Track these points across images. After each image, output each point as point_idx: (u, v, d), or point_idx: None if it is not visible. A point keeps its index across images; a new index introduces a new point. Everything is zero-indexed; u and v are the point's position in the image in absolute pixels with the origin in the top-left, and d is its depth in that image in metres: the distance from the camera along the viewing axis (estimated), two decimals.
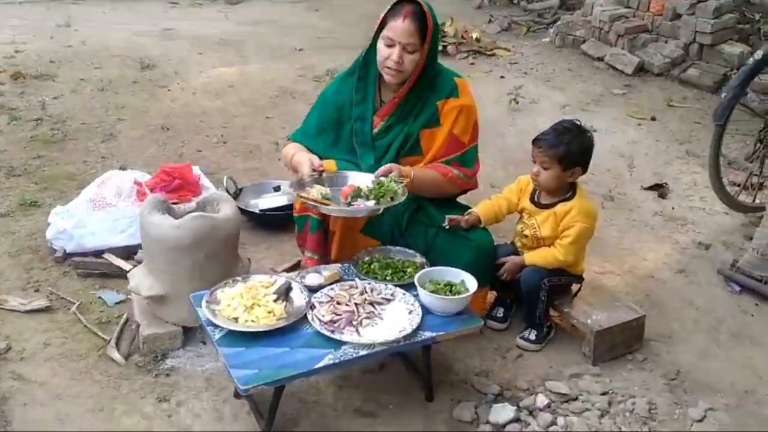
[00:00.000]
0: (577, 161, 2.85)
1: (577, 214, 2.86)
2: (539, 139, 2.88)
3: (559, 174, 2.84)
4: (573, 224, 2.85)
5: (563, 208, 2.88)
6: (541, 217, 2.93)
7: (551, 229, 2.90)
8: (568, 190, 2.92)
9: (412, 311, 2.48)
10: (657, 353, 2.99)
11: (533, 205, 2.97)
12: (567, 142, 2.82)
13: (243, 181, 4.21)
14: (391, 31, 2.76)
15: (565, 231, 2.87)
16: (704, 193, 4.45)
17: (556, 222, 2.89)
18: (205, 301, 2.45)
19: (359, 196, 2.69)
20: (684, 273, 3.60)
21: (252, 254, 3.53)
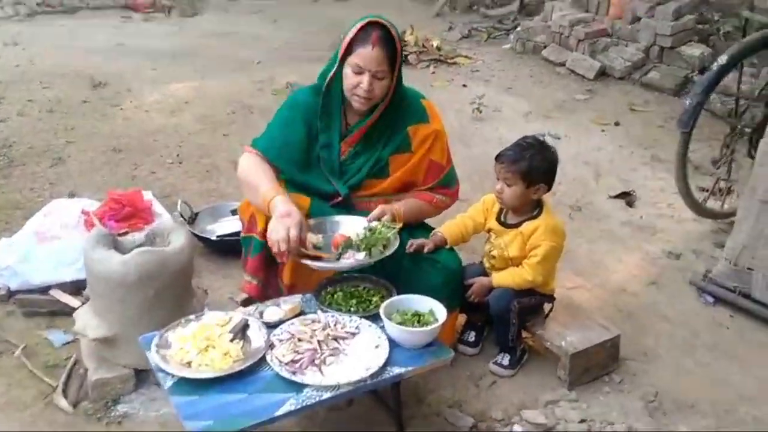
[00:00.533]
0: (541, 177, 2.74)
1: (543, 233, 2.75)
2: (502, 155, 2.78)
3: (523, 191, 2.73)
4: (540, 243, 2.74)
5: (530, 227, 2.77)
6: (508, 237, 2.82)
7: (519, 249, 2.79)
8: (534, 208, 2.81)
9: (379, 345, 2.34)
10: (634, 373, 2.89)
11: (500, 225, 2.86)
12: (529, 158, 2.71)
13: (199, 203, 4.04)
14: (359, 59, 2.63)
15: (533, 250, 2.76)
16: (672, 200, 4.38)
17: (524, 241, 2.78)
18: (154, 345, 2.28)
19: (350, 246, 2.57)
20: (655, 285, 3.52)
21: (209, 283, 3.37)
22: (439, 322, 2.38)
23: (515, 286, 2.78)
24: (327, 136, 2.80)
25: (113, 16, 8.38)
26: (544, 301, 2.91)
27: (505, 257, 2.83)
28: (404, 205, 2.77)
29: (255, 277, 2.75)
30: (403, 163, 2.81)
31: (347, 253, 2.56)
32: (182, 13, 8.48)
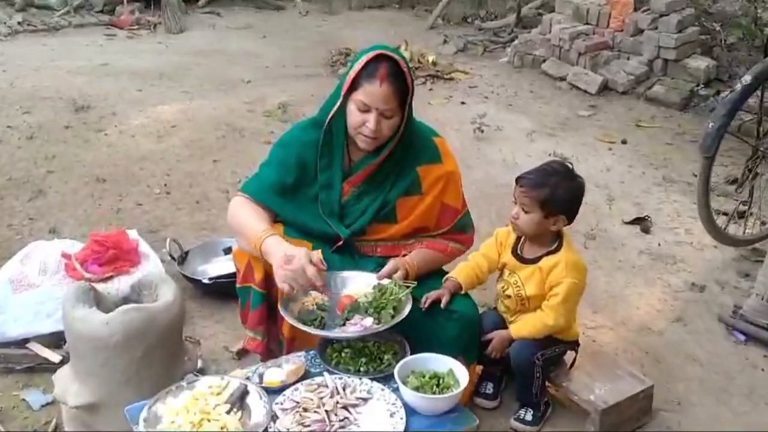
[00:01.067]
0: (561, 208, 2.50)
1: (564, 269, 2.51)
2: (522, 178, 2.55)
3: (540, 220, 2.49)
4: (560, 281, 2.51)
5: (549, 263, 2.54)
6: (524, 274, 2.58)
7: (537, 287, 2.55)
8: (554, 241, 2.58)
9: (395, 414, 2.09)
10: (668, 425, 2.65)
11: (516, 260, 2.62)
12: (552, 185, 2.48)
13: (189, 239, 3.79)
14: (366, 96, 2.39)
15: (553, 289, 2.52)
16: (689, 225, 4.17)
17: (542, 279, 2.55)
18: (143, 419, 2.02)
19: (357, 311, 2.34)
20: (681, 322, 3.29)
21: (201, 330, 3.11)
22: (461, 387, 2.14)
23: (537, 334, 2.54)
24: (328, 175, 2.55)
25: (97, 34, 8.08)
26: (567, 349, 2.67)
27: (521, 296, 2.59)
28: (417, 257, 2.54)
29: (258, 332, 2.51)
30: (413, 207, 2.58)
31: (353, 317, 2.32)
32: (168, 29, 8.20)
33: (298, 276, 2.25)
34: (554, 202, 2.48)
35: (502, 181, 4.58)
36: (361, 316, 2.31)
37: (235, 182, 4.51)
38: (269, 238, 2.33)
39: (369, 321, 2.30)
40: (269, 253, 2.31)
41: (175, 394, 2.12)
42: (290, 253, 2.28)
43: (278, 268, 2.26)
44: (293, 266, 2.25)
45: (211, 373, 2.82)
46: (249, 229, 2.39)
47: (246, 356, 2.92)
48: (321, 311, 2.34)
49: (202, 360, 2.85)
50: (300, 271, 2.24)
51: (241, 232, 2.46)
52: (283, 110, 5.61)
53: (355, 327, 2.29)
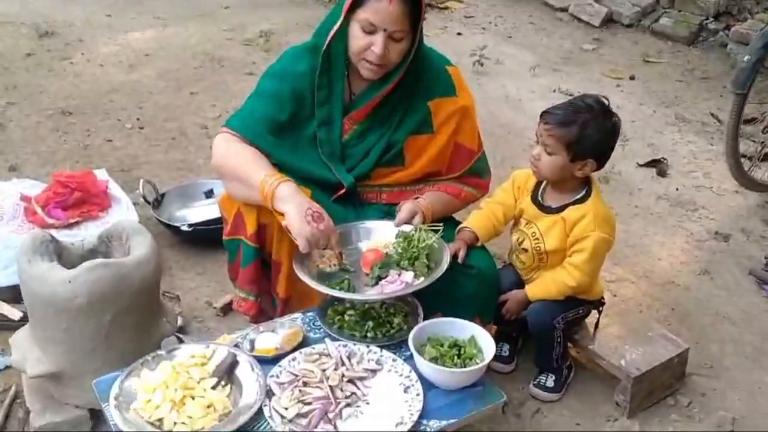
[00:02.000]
0: (591, 151, 2.17)
1: (592, 222, 2.20)
2: (548, 113, 2.19)
3: (565, 163, 2.17)
4: (587, 235, 2.20)
5: (574, 214, 2.22)
6: (545, 224, 2.27)
7: (558, 241, 2.25)
8: (581, 189, 2.26)
9: (409, 388, 1.80)
10: (702, 392, 2.40)
11: (536, 208, 2.30)
12: (582, 124, 2.13)
13: (166, 180, 3.42)
14: (373, 15, 2.01)
15: (577, 244, 2.22)
16: (707, 168, 3.88)
17: (565, 231, 2.23)
18: (113, 397, 1.70)
19: (388, 266, 2.01)
20: (708, 274, 3.02)
21: (180, 283, 2.78)
22: (486, 359, 1.84)
23: (557, 295, 2.25)
24: (326, 110, 2.19)
25: None
26: (591, 310, 2.39)
27: (539, 250, 2.28)
28: (430, 200, 2.21)
29: (251, 292, 2.18)
30: (423, 147, 2.24)
31: (387, 274, 2.00)
32: None
33: (323, 237, 1.95)
34: (583, 144, 2.14)
35: (504, 120, 4.24)
36: (396, 271, 2.00)
37: (216, 117, 4.12)
38: (284, 184, 1.97)
39: (410, 276, 1.98)
40: (287, 201, 1.95)
41: (151, 365, 1.80)
42: (317, 208, 1.96)
43: (301, 220, 1.92)
44: (324, 225, 1.94)
45: (193, 332, 2.52)
46: (252, 172, 2.02)
47: (232, 312, 2.61)
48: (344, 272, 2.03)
49: (182, 317, 2.53)
50: (327, 233, 1.95)
51: (237, 175, 2.08)
52: (266, 39, 5.17)
53: (396, 285, 1.96)
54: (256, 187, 1.99)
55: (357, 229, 2.17)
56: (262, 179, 1.98)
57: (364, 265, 2.05)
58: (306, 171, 2.14)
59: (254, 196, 2.01)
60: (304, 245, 1.93)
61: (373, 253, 2.05)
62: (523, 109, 4.45)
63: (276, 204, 1.96)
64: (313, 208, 1.95)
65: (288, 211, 1.94)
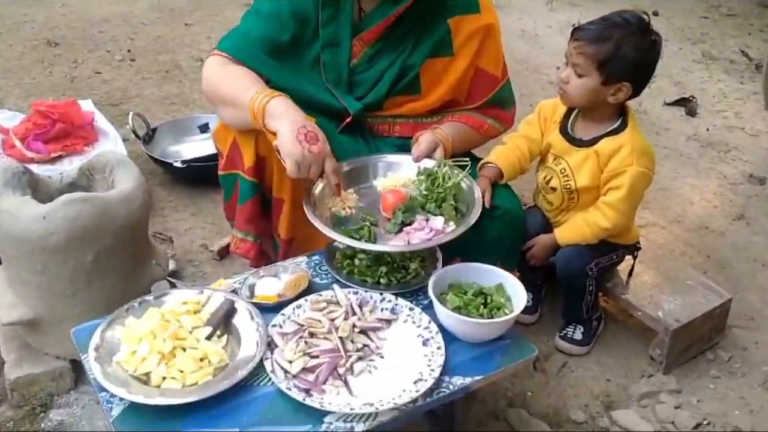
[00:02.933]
0: (627, 72, 1.89)
1: (630, 155, 1.95)
2: (580, 29, 1.93)
3: (597, 87, 1.91)
4: (624, 169, 1.96)
5: (608, 146, 1.97)
6: (575, 160, 2.03)
7: (591, 177, 2.01)
8: (616, 118, 2.01)
9: (429, 341, 1.59)
10: (743, 346, 2.19)
11: (565, 141, 2.06)
12: (617, 41, 1.86)
13: (158, 115, 3.19)
14: None
15: (613, 180, 1.98)
16: (738, 107, 3.63)
17: (599, 167, 2.00)
18: (93, 348, 1.50)
19: (413, 210, 1.76)
20: (744, 220, 2.79)
21: (173, 224, 2.57)
22: (517, 309, 1.62)
23: (590, 239, 2.03)
24: (332, 30, 1.93)
25: None
26: (626, 255, 2.17)
27: (569, 189, 2.05)
28: (450, 132, 1.96)
29: (249, 232, 1.96)
30: (441, 72, 1.98)
31: (412, 219, 1.75)
32: None
33: (315, 161, 1.70)
34: (617, 63, 1.88)
35: (520, 55, 3.97)
36: (422, 216, 1.76)
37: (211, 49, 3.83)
38: (276, 99, 1.73)
39: (439, 222, 1.74)
40: (279, 118, 1.71)
41: (137, 312, 1.59)
42: (312, 127, 1.71)
43: (293, 139, 1.67)
44: (318, 147, 1.69)
45: (187, 277, 2.30)
46: (243, 91, 1.77)
47: (229, 256, 2.40)
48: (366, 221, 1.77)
49: (175, 261, 2.32)
50: (320, 157, 1.70)
51: (227, 97, 1.84)
52: None
53: (423, 233, 1.72)
54: (246, 106, 1.74)
55: (369, 164, 1.93)
56: (252, 96, 1.74)
57: (384, 208, 1.80)
58: (308, 96, 1.88)
59: (247, 120, 1.77)
60: (292, 168, 1.68)
61: (393, 194, 1.80)
62: (540, 44, 4.17)
63: (267, 121, 1.72)
64: (307, 127, 1.70)
65: (279, 129, 1.69)
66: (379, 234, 1.74)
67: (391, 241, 1.73)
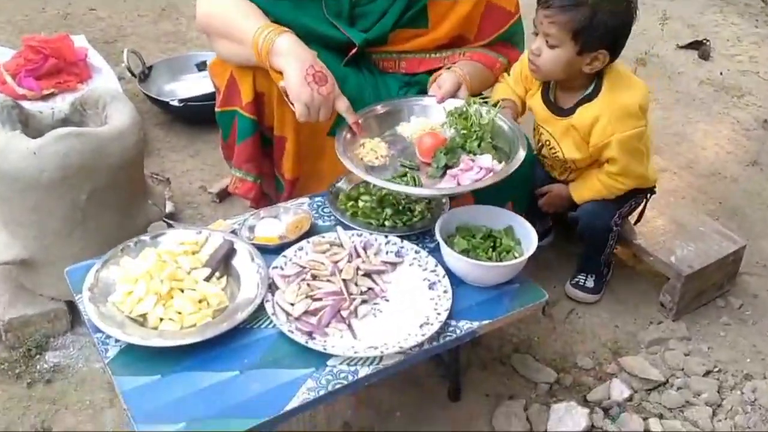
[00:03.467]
0: (603, 40, 1.75)
1: (608, 124, 1.82)
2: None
3: (571, 57, 1.76)
4: (608, 140, 1.83)
5: (585, 116, 1.84)
6: (558, 130, 1.92)
7: (577, 149, 1.90)
8: (588, 83, 1.86)
9: (435, 284, 1.53)
10: (755, 293, 2.15)
11: (546, 108, 1.93)
12: (592, 6, 1.71)
13: (154, 53, 3.08)
14: None
15: (604, 152, 1.86)
16: (752, 52, 3.53)
17: (582, 138, 1.88)
18: (87, 288, 1.44)
19: (454, 151, 1.66)
20: (758, 166, 2.72)
21: (171, 165, 2.50)
22: (527, 252, 1.56)
23: (609, 195, 1.94)
24: None
25: None
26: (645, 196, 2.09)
27: (560, 159, 1.97)
28: (467, 70, 1.87)
29: (248, 172, 1.88)
30: (450, 6, 1.88)
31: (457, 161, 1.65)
32: None
33: (325, 103, 1.63)
34: (593, 32, 1.72)
35: None
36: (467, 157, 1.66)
37: None
38: (283, 36, 1.64)
39: (488, 159, 1.64)
40: (285, 56, 1.62)
41: (133, 252, 1.53)
42: (320, 67, 1.64)
43: (301, 80, 1.60)
44: (327, 89, 1.63)
45: (185, 219, 2.24)
46: (244, 25, 1.68)
47: (229, 199, 2.34)
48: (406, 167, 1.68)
49: (172, 203, 2.26)
50: (330, 99, 1.64)
51: (227, 31, 1.74)
52: None
53: (473, 172, 1.62)
54: (248, 42, 1.65)
55: (387, 111, 1.81)
56: (255, 32, 1.64)
57: (421, 153, 1.70)
58: (309, 29, 1.79)
59: (248, 55, 1.68)
60: (302, 111, 1.62)
61: (431, 137, 1.70)
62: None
63: (273, 60, 1.63)
64: (315, 67, 1.62)
65: (286, 69, 1.62)
66: (422, 179, 1.65)
67: (438, 185, 1.63)
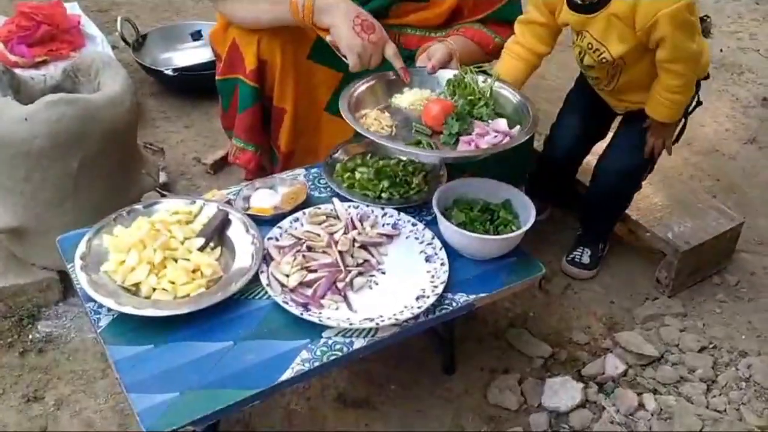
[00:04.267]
0: None
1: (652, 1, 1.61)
2: None
3: None
4: (655, 18, 1.61)
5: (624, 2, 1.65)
6: (597, 29, 1.73)
7: (624, 41, 1.71)
8: None
9: (432, 257, 1.52)
10: (751, 271, 2.14)
11: (576, 13, 1.75)
12: None
13: (148, 21, 3.04)
14: None
15: (653, 34, 1.64)
16: (753, 29, 3.50)
17: (628, 24, 1.68)
18: (79, 257, 1.42)
19: (464, 118, 1.62)
20: (756, 143, 2.71)
21: (164, 136, 2.47)
22: (525, 225, 1.55)
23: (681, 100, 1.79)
24: None
25: None
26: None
27: (608, 62, 1.78)
28: (458, 46, 1.82)
29: (250, 142, 1.86)
30: None
31: (469, 128, 1.61)
32: None
33: (376, 51, 1.63)
34: None
35: None
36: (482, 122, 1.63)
37: None
38: None
39: (503, 123, 1.61)
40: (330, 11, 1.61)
41: (126, 221, 1.51)
42: (366, 15, 1.63)
43: (350, 32, 1.59)
44: (377, 36, 1.63)
45: (179, 190, 2.22)
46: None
47: (223, 170, 2.31)
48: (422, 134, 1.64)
49: (166, 173, 2.23)
50: (380, 46, 1.63)
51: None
52: None
53: (490, 137, 1.58)
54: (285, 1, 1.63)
55: (377, 83, 1.75)
56: None
57: (429, 121, 1.65)
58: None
59: (279, 14, 1.66)
60: (355, 62, 1.62)
61: (437, 103, 1.66)
62: None
63: (317, 18, 1.62)
64: (361, 17, 1.62)
65: (334, 23, 1.61)
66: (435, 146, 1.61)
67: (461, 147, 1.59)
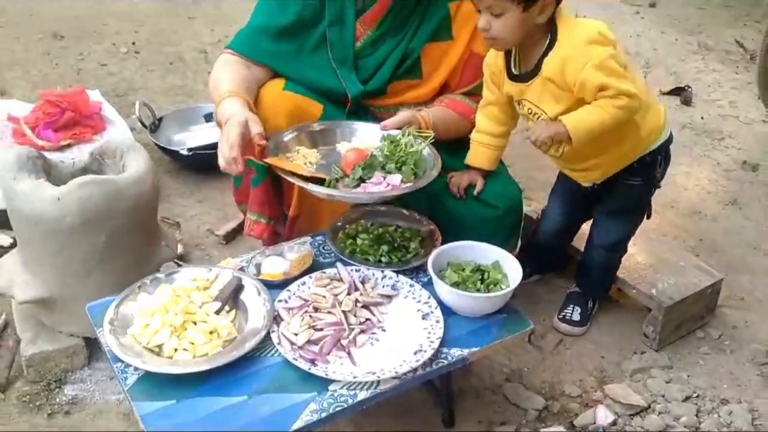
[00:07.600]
0: None
1: (578, 57, 1.70)
2: None
3: (519, 16, 1.70)
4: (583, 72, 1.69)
5: (554, 66, 1.74)
6: (533, 93, 1.83)
7: (557, 101, 1.79)
8: (546, 36, 1.77)
9: (428, 315, 1.66)
10: (733, 325, 2.26)
11: (515, 83, 1.85)
12: None
13: (163, 105, 3.25)
14: None
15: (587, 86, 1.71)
16: (732, 96, 3.70)
17: (558, 86, 1.77)
18: (108, 322, 1.57)
19: (372, 167, 1.81)
20: (736, 205, 2.86)
21: (180, 210, 2.63)
22: (513, 284, 1.69)
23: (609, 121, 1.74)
24: (336, 8, 1.99)
25: None
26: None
27: None
28: (433, 113, 2.00)
29: (262, 214, 2.03)
30: (441, 57, 2.04)
31: (370, 176, 1.80)
32: None
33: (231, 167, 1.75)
34: None
35: None
36: (381, 174, 1.81)
37: (214, 42, 3.92)
38: (227, 99, 1.83)
39: (397, 178, 1.78)
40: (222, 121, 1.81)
41: (149, 288, 1.66)
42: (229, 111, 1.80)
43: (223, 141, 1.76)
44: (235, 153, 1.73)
45: (195, 260, 2.38)
46: (216, 93, 1.90)
47: (235, 240, 2.47)
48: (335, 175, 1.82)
49: (183, 245, 2.39)
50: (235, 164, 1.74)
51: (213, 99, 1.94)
52: None
53: (380, 186, 1.78)
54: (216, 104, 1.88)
55: (338, 129, 1.96)
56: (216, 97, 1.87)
57: (345, 165, 1.84)
58: (312, 80, 1.96)
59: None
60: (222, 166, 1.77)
61: (354, 152, 1.85)
62: None
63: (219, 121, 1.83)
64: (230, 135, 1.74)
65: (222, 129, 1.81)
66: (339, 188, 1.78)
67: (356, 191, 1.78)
